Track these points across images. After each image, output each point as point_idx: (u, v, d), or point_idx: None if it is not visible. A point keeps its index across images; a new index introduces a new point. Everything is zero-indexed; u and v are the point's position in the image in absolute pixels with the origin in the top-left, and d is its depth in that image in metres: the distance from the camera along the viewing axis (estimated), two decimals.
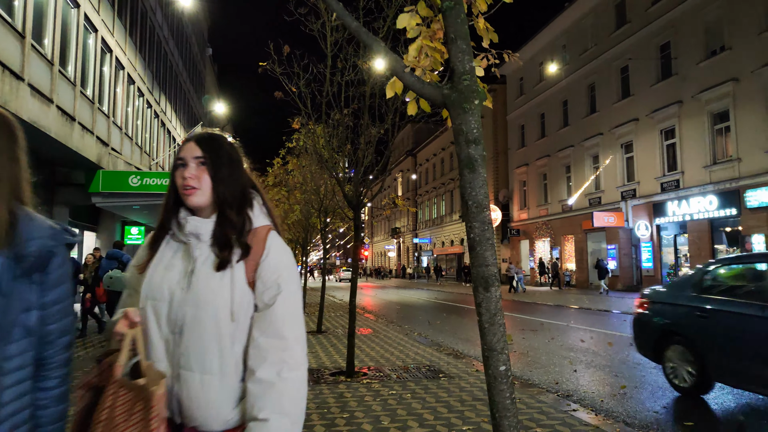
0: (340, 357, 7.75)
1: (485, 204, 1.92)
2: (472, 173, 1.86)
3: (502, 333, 1.87)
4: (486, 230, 1.89)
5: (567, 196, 30.20)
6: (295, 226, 17.03)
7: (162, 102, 22.84)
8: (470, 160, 1.85)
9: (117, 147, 16.07)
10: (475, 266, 1.88)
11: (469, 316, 15.35)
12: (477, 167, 1.86)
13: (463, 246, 45.07)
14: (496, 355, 1.88)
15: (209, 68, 39.86)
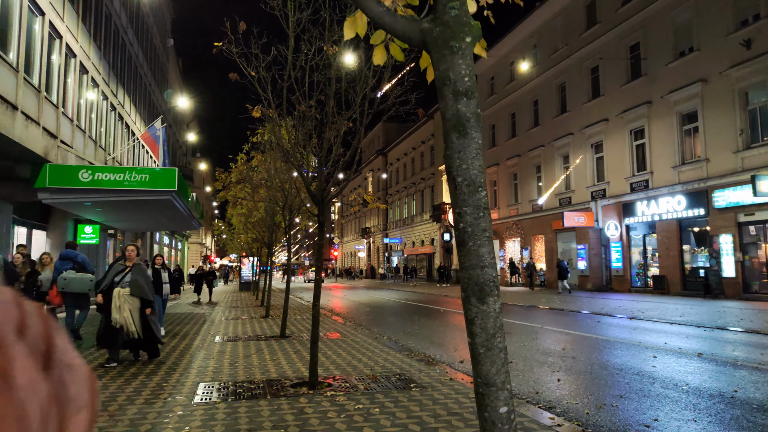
0: (304, 365, 7.15)
1: (480, 181, 1.41)
2: (462, 138, 1.35)
3: (503, 361, 1.36)
4: (481, 218, 1.38)
5: (537, 196, 30.18)
6: (259, 224, 16.32)
7: (120, 94, 21.72)
8: (459, 120, 1.33)
9: (67, 140, 15.04)
10: (466, 268, 1.37)
11: (441, 318, 14.92)
12: (469, 130, 1.35)
13: (433, 246, 44.81)
14: (494, 392, 1.35)
15: (173, 62, 38.49)
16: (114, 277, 7.31)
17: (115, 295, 7.11)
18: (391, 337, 10.33)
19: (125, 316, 7.09)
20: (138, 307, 7.25)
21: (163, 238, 38.34)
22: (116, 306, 7.09)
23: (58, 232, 17.91)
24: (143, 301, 7.30)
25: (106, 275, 7.46)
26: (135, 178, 13.34)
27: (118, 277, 7.31)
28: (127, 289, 7.18)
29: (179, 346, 9.07)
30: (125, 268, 7.39)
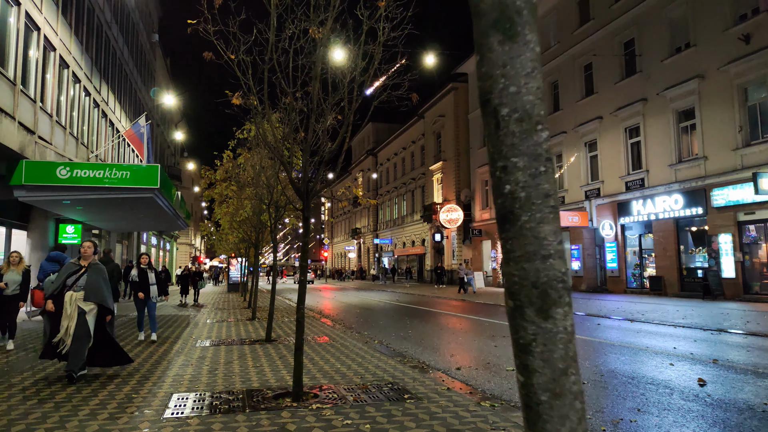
0: (289, 372, 6.66)
1: (539, 114, 0.93)
2: (508, 43, 0.87)
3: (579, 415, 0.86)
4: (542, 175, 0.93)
5: None
6: (246, 224, 15.79)
7: (104, 91, 21.08)
8: (504, 12, 0.85)
9: (46, 136, 14.44)
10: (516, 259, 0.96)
11: (435, 320, 14.46)
12: (520, 28, 0.87)
13: (424, 246, 44.40)
14: None
15: (160, 60, 37.78)
16: (66, 279, 6.35)
17: (66, 300, 6.19)
18: (382, 341, 9.86)
19: (68, 325, 6.12)
20: (94, 313, 6.35)
21: (151, 239, 37.59)
22: (67, 313, 6.16)
23: (38, 231, 17.27)
24: (101, 307, 6.40)
25: (58, 276, 6.52)
26: (115, 175, 12.78)
27: (71, 279, 6.35)
28: (81, 293, 6.28)
29: (157, 351, 8.54)
30: (80, 269, 6.44)
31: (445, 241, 40.22)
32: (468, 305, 19.00)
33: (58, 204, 14.10)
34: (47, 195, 12.75)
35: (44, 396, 5.53)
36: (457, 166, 38.94)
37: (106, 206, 14.77)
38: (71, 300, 6.25)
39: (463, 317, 14.75)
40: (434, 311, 16.91)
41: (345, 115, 5.45)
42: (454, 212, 37.06)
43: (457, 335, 10.98)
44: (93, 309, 6.35)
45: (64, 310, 6.18)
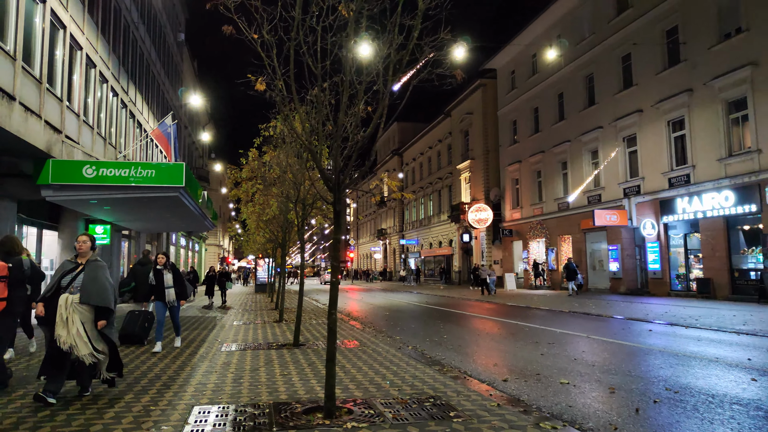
0: (319, 382, 6.13)
1: None
2: None
3: None
4: None
5: (564, 194, 28.85)
6: (272, 223, 15.38)
7: (131, 92, 21.02)
8: None
9: (73, 136, 14.27)
10: None
11: (469, 324, 13.78)
12: None
13: (452, 247, 43.58)
14: None
15: (188, 62, 37.95)
16: (61, 280, 5.45)
17: (61, 304, 5.31)
18: (416, 347, 9.25)
19: (74, 333, 5.22)
20: (92, 319, 5.42)
21: (180, 240, 37.79)
22: (62, 319, 5.26)
23: (68, 232, 17.21)
24: (98, 309, 5.45)
25: (53, 276, 5.64)
26: (141, 173, 12.49)
27: (66, 279, 5.45)
28: (76, 296, 5.37)
29: (181, 356, 8.12)
30: (76, 267, 5.54)
31: (474, 241, 39.36)
32: (501, 308, 18.24)
33: (85, 204, 13.92)
34: (74, 194, 12.54)
35: (57, 407, 5.11)
36: (486, 165, 38.07)
37: (132, 206, 14.55)
38: (66, 304, 5.32)
39: (499, 321, 14.03)
40: (467, 314, 16.23)
41: (380, 97, 4.88)
42: (483, 212, 36.20)
43: (496, 341, 10.30)
44: (89, 313, 5.42)
45: (58, 315, 5.27)
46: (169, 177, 12.76)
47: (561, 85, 29.14)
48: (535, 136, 31.82)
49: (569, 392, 5.93)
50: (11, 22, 10.85)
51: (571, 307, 17.01)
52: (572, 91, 28.07)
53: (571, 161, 28.23)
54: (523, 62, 33.26)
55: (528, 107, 32.66)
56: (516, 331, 11.49)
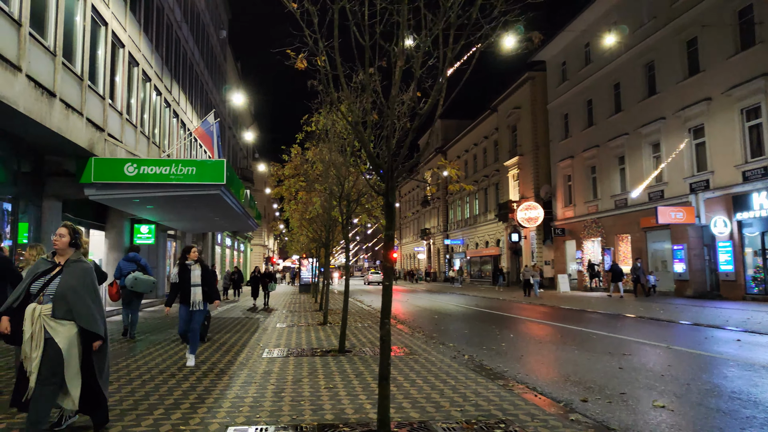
0: (368, 398, 5.39)
1: None
2: None
3: None
4: None
5: (621, 191, 27.19)
6: (316, 221, 14.82)
7: (174, 91, 21.00)
8: None
9: (116, 134, 14.15)
10: None
11: (527, 330, 12.77)
12: None
13: (499, 247, 42.16)
14: None
15: (231, 63, 38.20)
16: (30, 284, 4.04)
17: (27, 316, 3.92)
18: (473, 356, 8.39)
19: (35, 355, 3.82)
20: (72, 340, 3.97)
21: (225, 240, 38.08)
22: (26, 337, 3.88)
23: (114, 232, 17.26)
24: (85, 331, 4.02)
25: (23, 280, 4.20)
26: (181, 171, 12.16)
27: (37, 284, 4.02)
28: (47, 306, 3.94)
29: (220, 363, 7.56)
30: (51, 268, 4.08)
31: (523, 241, 37.90)
32: (557, 311, 17.07)
33: (128, 203, 13.75)
34: (116, 193, 12.35)
35: (82, 422, 4.57)
36: (536, 161, 36.57)
37: (174, 204, 14.30)
38: (33, 316, 3.90)
39: (559, 326, 12.95)
40: (522, 318, 15.18)
41: (440, 67, 4.09)
42: (533, 210, 34.75)
43: (562, 350, 9.31)
44: (67, 330, 3.94)
45: (25, 328, 3.91)
46: (209, 174, 12.38)
47: (617, 74, 27.49)
48: (589, 129, 30.20)
49: (670, 419, 4.95)
50: (51, 17, 10.66)
51: (636, 311, 15.69)
52: (630, 80, 26.40)
53: (629, 155, 26.56)
54: (575, 52, 31.66)
55: (581, 100, 31.05)
56: (582, 339, 10.43)
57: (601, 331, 11.48)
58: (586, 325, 12.86)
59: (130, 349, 8.91)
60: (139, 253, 10.55)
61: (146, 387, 6.01)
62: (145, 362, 7.66)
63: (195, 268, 7.28)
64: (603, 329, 11.88)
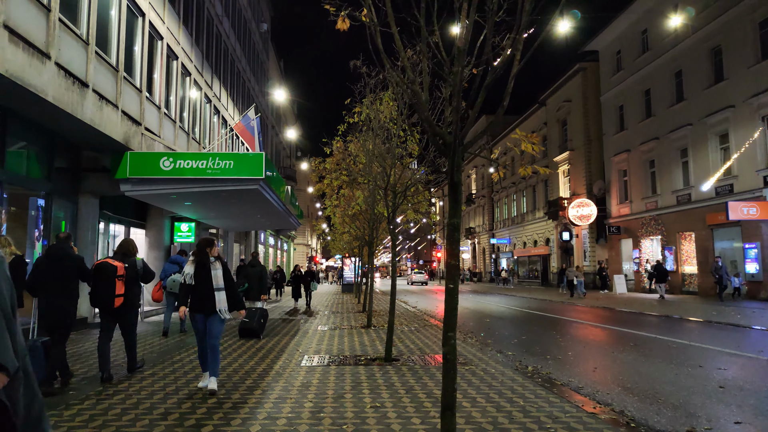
0: (423, 423, 4.47)
1: None
2: None
3: None
4: None
5: (684, 185, 25.29)
6: (359, 218, 14.03)
7: (215, 87, 20.66)
8: None
9: (154, 128, 13.74)
10: None
11: (589, 335, 11.55)
12: None
13: (549, 246, 40.37)
14: None
15: (273, 61, 38.02)
16: None
17: None
18: (537, 368, 7.34)
19: None
20: None
21: (268, 239, 37.93)
22: None
23: (155, 230, 16.96)
24: None
25: None
26: (219, 165, 11.58)
27: None
28: None
29: (254, 371, 6.81)
30: None
31: (575, 240, 36.07)
32: (617, 315, 15.67)
33: (166, 199, 13.31)
34: (152, 189, 11.88)
35: None
36: (588, 156, 34.74)
37: (213, 200, 13.78)
38: None
39: (626, 332, 11.65)
40: (581, 322, 13.91)
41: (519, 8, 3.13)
42: (586, 207, 32.98)
43: (639, 361, 8.12)
44: None
45: None
46: (248, 168, 11.75)
47: (679, 61, 25.56)
48: (647, 121, 28.30)
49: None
50: (84, 4, 10.23)
51: (708, 316, 14.15)
52: (694, 67, 24.46)
53: (692, 148, 24.63)
54: (631, 40, 29.77)
55: (637, 90, 29.16)
56: (658, 348, 9.18)
57: (677, 339, 10.16)
58: (656, 330, 11.51)
59: (162, 353, 8.31)
60: (186, 256, 10.75)
61: (168, 402, 5.29)
62: (173, 369, 7.00)
63: (216, 266, 5.89)
64: (678, 336, 10.54)
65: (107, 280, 6.15)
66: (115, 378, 6.35)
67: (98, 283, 6.17)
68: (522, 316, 16.18)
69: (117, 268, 6.22)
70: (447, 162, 3.30)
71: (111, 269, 6.18)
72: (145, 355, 8.11)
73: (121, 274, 6.23)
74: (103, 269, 6.20)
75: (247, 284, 11.04)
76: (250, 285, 11.02)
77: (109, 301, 6.16)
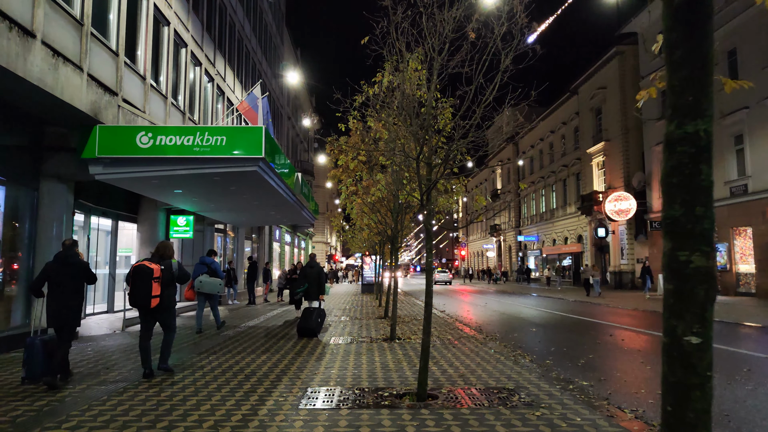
0: None
1: None
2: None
3: None
4: None
5: (739, 175, 22.63)
6: (380, 207, 11.77)
7: (219, 66, 18.58)
8: None
9: (137, 102, 11.63)
10: None
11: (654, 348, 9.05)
12: None
13: (581, 244, 37.61)
14: None
15: (288, 45, 35.99)
16: None
17: None
18: (639, 411, 4.98)
19: None
20: None
21: (284, 236, 35.94)
22: None
23: (148, 224, 14.97)
24: None
25: None
26: (208, 141, 9.42)
27: None
28: None
29: (232, 417, 4.59)
30: None
31: (611, 236, 33.34)
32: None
33: (146, 184, 11.17)
34: (128, 171, 9.77)
35: None
36: (625, 146, 32.01)
37: (205, 187, 11.62)
38: None
39: (730, 351, 9.19)
40: (640, 331, 11.44)
41: None
42: (624, 201, 30.28)
43: (737, 384, 5.71)
44: None
45: None
46: (244, 145, 9.57)
47: (733, 38, 22.81)
48: None
49: None
50: None
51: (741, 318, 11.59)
52: (752, 43, 21.73)
53: (750, 133, 21.93)
54: None
55: None
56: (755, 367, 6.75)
57: (748, 351, 7.70)
58: (749, 345, 9.03)
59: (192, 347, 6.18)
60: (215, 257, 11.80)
61: None
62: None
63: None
64: (744, 347, 8.08)
65: (145, 282, 6.46)
66: None
67: (137, 284, 6.46)
68: (574, 324, 13.74)
69: (153, 270, 6.56)
70: None
71: (148, 272, 6.52)
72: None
73: (157, 276, 6.57)
74: (141, 272, 6.51)
75: (307, 284, 11.16)
76: (309, 285, 11.14)
77: (146, 302, 6.48)
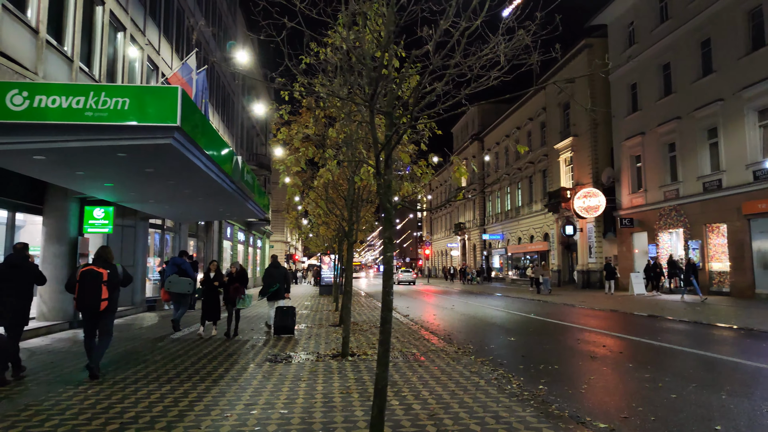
0: None
1: None
2: None
3: None
4: None
5: (712, 170, 21.89)
6: (332, 194, 9.85)
7: (151, 35, 16.19)
8: None
9: (24, 61, 9.28)
10: None
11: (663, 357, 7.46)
12: None
13: (548, 242, 36.55)
14: None
15: (241, 24, 33.52)
16: None
17: None
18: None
19: None
20: None
21: (237, 234, 33.32)
22: None
23: (56, 217, 12.47)
24: None
25: None
26: (105, 104, 7.25)
27: None
28: None
29: None
30: None
31: (579, 234, 32.35)
32: (680, 329, 11.74)
33: (32, 163, 8.76)
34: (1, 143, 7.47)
35: None
36: (594, 142, 31.09)
37: (112, 166, 9.28)
38: None
39: (698, 354, 7.64)
40: (636, 339, 9.88)
41: None
42: (593, 198, 29.28)
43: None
44: None
45: None
46: (154, 110, 7.42)
47: (707, 29, 22.06)
48: (666, 99, 24.74)
49: None
50: None
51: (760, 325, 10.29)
52: (726, 34, 20.95)
53: (724, 127, 21.14)
54: (648, 8, 26.17)
55: (654, 64, 25.57)
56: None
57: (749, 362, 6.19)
58: (728, 351, 7.54)
59: None
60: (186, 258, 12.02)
61: None
62: None
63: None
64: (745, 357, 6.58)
65: (94, 286, 6.52)
66: None
67: (85, 288, 6.50)
68: (557, 328, 12.12)
69: (102, 274, 6.62)
70: None
71: (97, 275, 6.60)
72: None
73: (106, 279, 6.63)
74: (90, 275, 6.57)
75: (278, 285, 11.10)
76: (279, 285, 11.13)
77: (95, 305, 6.54)
